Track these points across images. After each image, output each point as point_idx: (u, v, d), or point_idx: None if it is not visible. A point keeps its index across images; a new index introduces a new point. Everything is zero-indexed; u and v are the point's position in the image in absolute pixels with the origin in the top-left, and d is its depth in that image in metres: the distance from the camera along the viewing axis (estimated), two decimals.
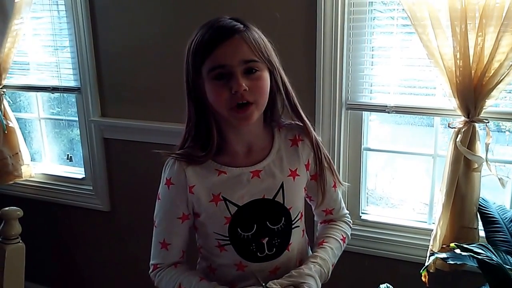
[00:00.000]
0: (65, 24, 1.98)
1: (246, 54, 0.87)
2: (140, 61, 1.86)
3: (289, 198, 0.97)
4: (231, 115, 0.89)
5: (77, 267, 2.30)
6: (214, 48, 0.86)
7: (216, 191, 0.94)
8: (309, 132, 1.00)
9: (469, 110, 1.33)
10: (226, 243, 0.96)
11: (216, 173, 0.95)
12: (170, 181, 0.96)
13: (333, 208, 1.08)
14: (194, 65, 0.90)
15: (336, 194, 1.07)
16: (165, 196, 0.98)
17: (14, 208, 1.14)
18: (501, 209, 1.38)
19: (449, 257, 1.21)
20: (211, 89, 0.88)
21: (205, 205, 0.95)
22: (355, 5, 1.50)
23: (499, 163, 1.48)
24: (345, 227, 1.08)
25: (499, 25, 1.24)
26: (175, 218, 0.97)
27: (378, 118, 1.68)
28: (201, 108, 0.92)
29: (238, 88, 0.86)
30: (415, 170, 1.73)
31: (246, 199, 0.94)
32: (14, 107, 2.24)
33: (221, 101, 0.88)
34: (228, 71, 0.86)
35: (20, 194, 2.23)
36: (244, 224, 0.95)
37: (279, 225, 0.97)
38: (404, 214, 1.67)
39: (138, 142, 1.92)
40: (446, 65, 1.32)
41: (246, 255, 0.96)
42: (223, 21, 0.90)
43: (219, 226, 0.95)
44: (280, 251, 0.98)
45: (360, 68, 1.55)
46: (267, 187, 0.95)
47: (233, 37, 0.87)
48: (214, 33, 0.87)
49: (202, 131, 0.94)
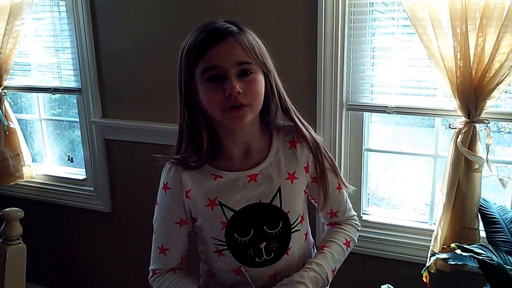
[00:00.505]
0: (66, 25, 1.98)
1: (240, 56, 0.86)
2: (140, 62, 1.86)
3: (287, 202, 0.95)
4: (224, 116, 0.88)
5: (78, 268, 2.31)
6: (207, 50, 0.85)
7: (212, 196, 0.93)
8: (304, 135, 0.98)
9: (470, 110, 1.33)
10: (223, 248, 0.95)
11: (212, 178, 0.94)
12: (167, 185, 0.96)
13: (338, 210, 1.05)
14: (187, 68, 0.89)
15: (341, 196, 1.05)
16: (162, 201, 0.98)
17: (15, 209, 1.14)
18: (502, 210, 1.38)
19: (450, 258, 1.22)
20: (204, 91, 0.87)
21: (201, 210, 0.94)
22: (355, 6, 1.50)
23: (500, 163, 1.48)
24: (350, 230, 1.06)
25: (499, 26, 1.24)
26: (173, 223, 0.97)
27: (379, 119, 1.68)
28: (194, 112, 0.92)
29: (231, 91, 0.84)
30: (416, 171, 1.73)
31: (243, 203, 0.93)
32: (15, 108, 2.24)
33: (215, 104, 0.87)
34: (221, 72, 0.85)
35: (21, 195, 2.24)
36: (241, 229, 0.94)
37: (277, 230, 0.96)
38: (405, 215, 1.67)
39: (139, 143, 1.92)
40: (447, 65, 1.32)
41: (243, 260, 0.95)
42: (217, 24, 0.89)
43: (216, 231, 0.94)
44: (279, 256, 0.97)
45: (361, 69, 1.55)
46: (264, 191, 0.94)
47: (227, 39, 0.86)
48: (207, 35, 0.87)
49: (195, 135, 0.93)
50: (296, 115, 0.98)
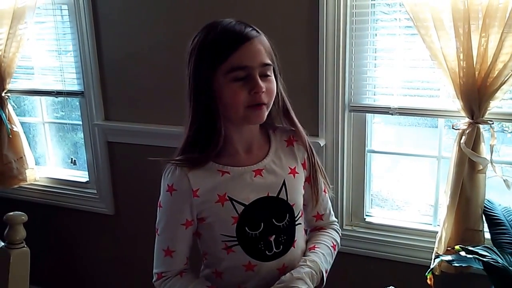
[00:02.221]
0: (69, 28, 1.99)
1: (264, 57, 0.90)
2: (143, 64, 1.86)
3: (291, 195, 0.98)
4: (246, 113, 0.90)
5: (81, 271, 2.31)
6: (236, 49, 0.87)
7: (221, 192, 0.94)
8: (301, 135, 1.02)
9: (473, 111, 1.32)
10: (233, 244, 0.96)
11: (220, 174, 0.95)
12: (173, 187, 0.96)
13: (323, 213, 1.08)
14: (208, 67, 0.89)
15: (326, 199, 1.09)
16: (167, 203, 0.98)
17: (19, 213, 1.14)
18: (507, 211, 1.37)
19: (454, 260, 1.21)
20: (230, 90, 0.89)
21: (211, 207, 0.95)
22: (357, 7, 1.50)
23: (505, 164, 1.47)
24: (334, 234, 1.09)
25: (502, 26, 1.23)
26: (179, 225, 0.97)
27: (381, 120, 1.67)
28: (211, 110, 0.91)
29: (259, 90, 0.88)
30: (420, 172, 1.73)
31: (252, 197, 0.95)
32: (18, 111, 2.25)
33: (239, 101, 0.89)
34: (247, 72, 0.88)
35: (24, 198, 2.24)
36: (252, 223, 0.95)
37: (284, 222, 0.98)
38: (409, 216, 1.66)
39: (141, 145, 1.93)
40: (450, 66, 1.32)
41: (254, 254, 0.96)
42: (237, 24, 0.90)
43: (226, 227, 0.95)
44: (287, 248, 0.99)
45: (363, 70, 1.55)
46: (270, 184, 0.97)
47: (253, 40, 0.89)
48: (232, 35, 0.88)
49: (204, 133, 0.93)
50: (294, 117, 1.01)
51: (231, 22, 0.91)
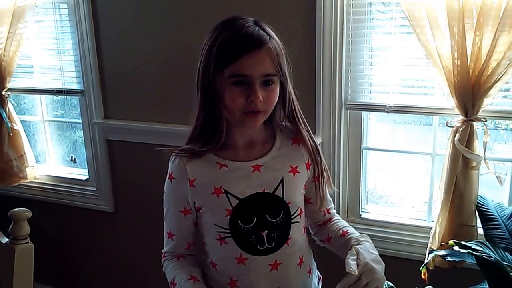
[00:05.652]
0: (68, 27, 2.00)
1: (268, 68, 0.91)
2: (142, 63, 1.87)
3: (288, 193, 1.00)
4: (241, 118, 0.93)
5: (81, 267, 2.33)
6: (241, 56, 0.89)
7: (217, 184, 0.97)
8: (305, 142, 1.03)
9: (467, 109, 1.34)
10: (226, 236, 0.98)
11: (218, 167, 0.98)
12: (172, 175, 1.01)
13: (330, 207, 1.12)
14: (217, 66, 0.91)
15: (327, 194, 1.11)
16: (168, 189, 1.03)
17: (23, 209, 1.16)
18: (499, 207, 1.38)
19: (448, 255, 1.23)
20: (229, 93, 0.91)
21: (206, 198, 0.98)
22: (354, 6, 1.52)
23: (497, 161, 1.49)
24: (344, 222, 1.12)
25: (496, 24, 1.25)
26: (177, 211, 1.02)
27: (377, 118, 1.69)
28: (215, 104, 0.94)
29: (255, 99, 0.90)
30: (414, 169, 1.75)
31: (247, 192, 0.97)
32: (18, 110, 2.26)
33: (236, 106, 0.92)
34: (248, 80, 0.90)
35: (25, 196, 2.26)
36: (245, 217, 0.97)
37: (278, 219, 0.99)
38: (403, 213, 1.68)
39: (141, 143, 1.94)
40: (444, 64, 1.33)
41: (246, 247, 0.98)
42: (251, 28, 0.91)
43: (220, 218, 0.97)
44: (280, 245, 1.00)
45: (359, 68, 1.57)
46: (267, 181, 0.98)
47: (261, 49, 0.90)
48: (242, 40, 0.90)
49: (209, 127, 0.97)
50: (301, 123, 1.03)
51: (245, 24, 0.92)
